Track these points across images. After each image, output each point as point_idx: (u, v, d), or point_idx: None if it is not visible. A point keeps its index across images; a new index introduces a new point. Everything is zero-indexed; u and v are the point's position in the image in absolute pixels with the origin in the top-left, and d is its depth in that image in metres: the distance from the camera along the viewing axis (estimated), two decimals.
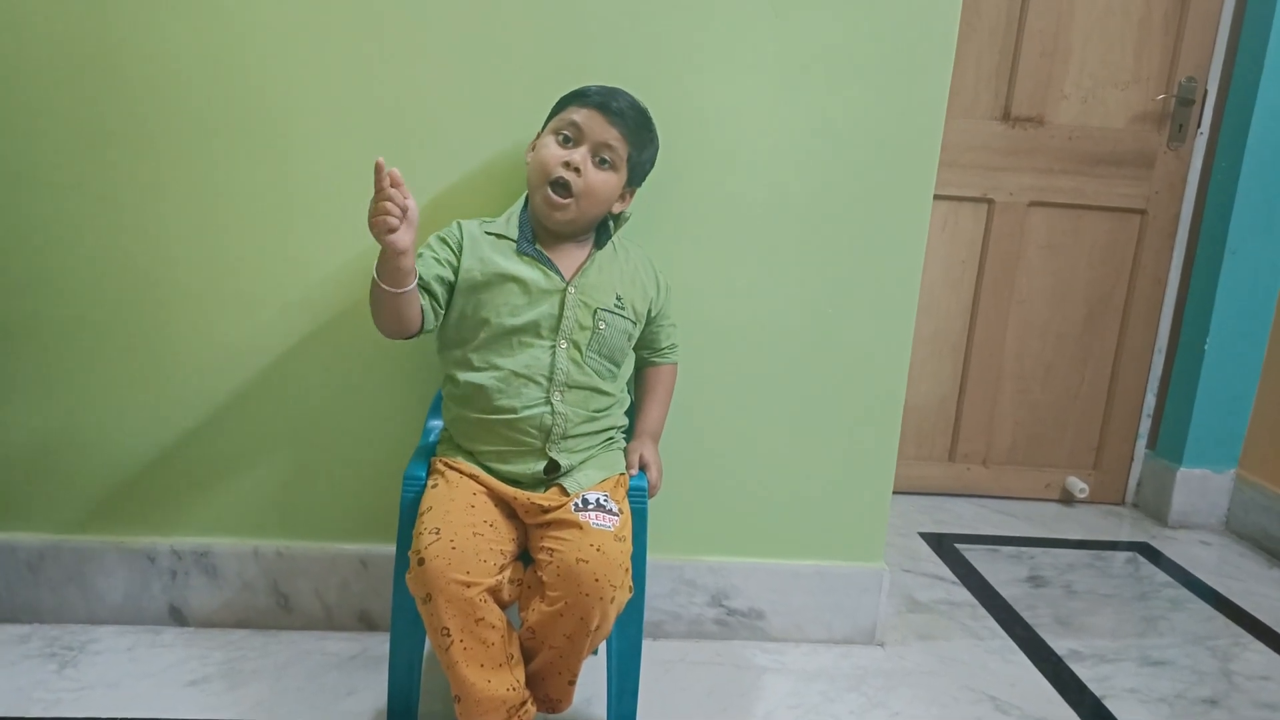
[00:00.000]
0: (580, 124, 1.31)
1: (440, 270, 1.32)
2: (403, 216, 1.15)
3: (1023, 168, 2.41)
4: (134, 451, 1.60)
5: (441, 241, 1.35)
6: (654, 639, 1.71)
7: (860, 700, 1.58)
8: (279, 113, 1.49)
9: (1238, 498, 2.48)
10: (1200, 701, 1.65)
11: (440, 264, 1.33)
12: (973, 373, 2.54)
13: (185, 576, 1.64)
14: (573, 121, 1.31)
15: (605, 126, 1.31)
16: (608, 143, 1.31)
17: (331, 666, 1.57)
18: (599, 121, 1.31)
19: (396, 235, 1.15)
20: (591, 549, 1.20)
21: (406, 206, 1.15)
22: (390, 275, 1.20)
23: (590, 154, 1.31)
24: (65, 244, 1.52)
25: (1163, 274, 2.51)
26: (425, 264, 1.32)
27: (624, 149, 1.33)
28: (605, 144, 1.31)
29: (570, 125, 1.32)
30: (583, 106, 1.32)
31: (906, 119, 1.57)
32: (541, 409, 1.32)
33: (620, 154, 1.33)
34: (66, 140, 1.48)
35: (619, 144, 1.32)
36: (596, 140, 1.31)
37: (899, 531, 2.33)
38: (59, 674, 1.50)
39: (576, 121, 1.31)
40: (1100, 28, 2.35)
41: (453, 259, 1.34)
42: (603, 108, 1.31)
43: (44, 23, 1.44)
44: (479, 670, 1.20)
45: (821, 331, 1.64)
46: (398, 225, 1.15)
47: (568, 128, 1.32)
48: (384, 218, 1.14)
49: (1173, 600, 2.07)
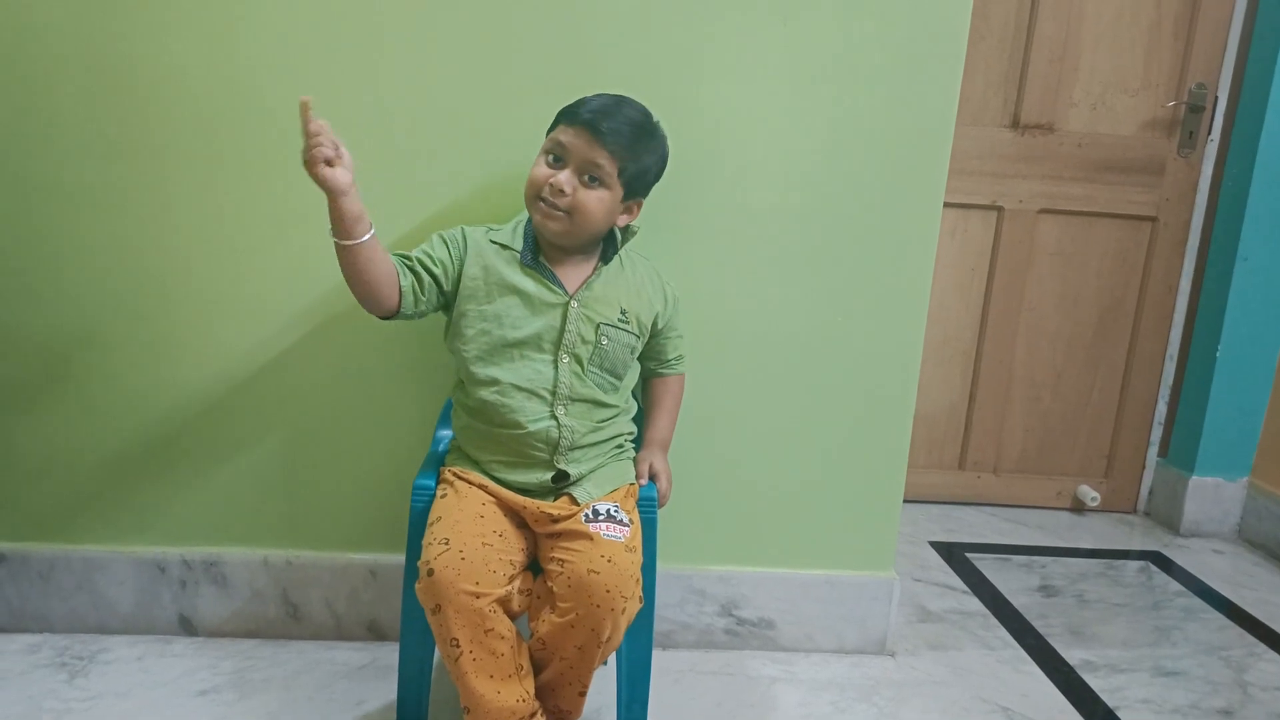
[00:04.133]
0: (566, 144, 1.28)
1: (432, 265, 1.31)
2: (335, 151, 1.13)
3: (1032, 175, 2.40)
4: (144, 461, 1.60)
5: (443, 243, 1.34)
6: (664, 649, 1.71)
7: (871, 711, 1.57)
8: (287, 122, 1.49)
9: (1250, 506, 2.46)
10: (1215, 712, 1.64)
11: (433, 260, 1.32)
12: (983, 380, 2.53)
13: (195, 586, 1.64)
14: (559, 141, 1.29)
15: (591, 147, 1.28)
16: (594, 161, 1.28)
17: (341, 676, 1.57)
18: (585, 141, 1.28)
19: (334, 171, 1.13)
20: (602, 560, 1.20)
21: (332, 140, 1.13)
22: (337, 223, 1.18)
23: (576, 174, 1.28)
24: (75, 252, 1.52)
25: (1174, 281, 2.50)
26: (419, 251, 1.32)
27: (612, 166, 1.29)
28: (592, 163, 1.28)
29: (557, 145, 1.29)
30: (571, 125, 1.29)
31: (916, 126, 1.57)
32: (547, 423, 1.32)
33: (609, 171, 1.29)
34: (74, 149, 1.49)
35: (606, 162, 1.28)
36: (582, 160, 1.28)
37: (909, 540, 2.33)
38: (69, 683, 1.50)
39: (563, 142, 1.29)
40: (1110, 34, 2.35)
41: (447, 259, 1.33)
42: (590, 126, 1.28)
43: (54, 34, 1.45)
44: (488, 681, 1.20)
45: (831, 339, 1.63)
46: (333, 157, 1.13)
47: (555, 147, 1.30)
48: (318, 149, 1.12)
49: (1186, 610, 2.06)
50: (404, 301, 1.29)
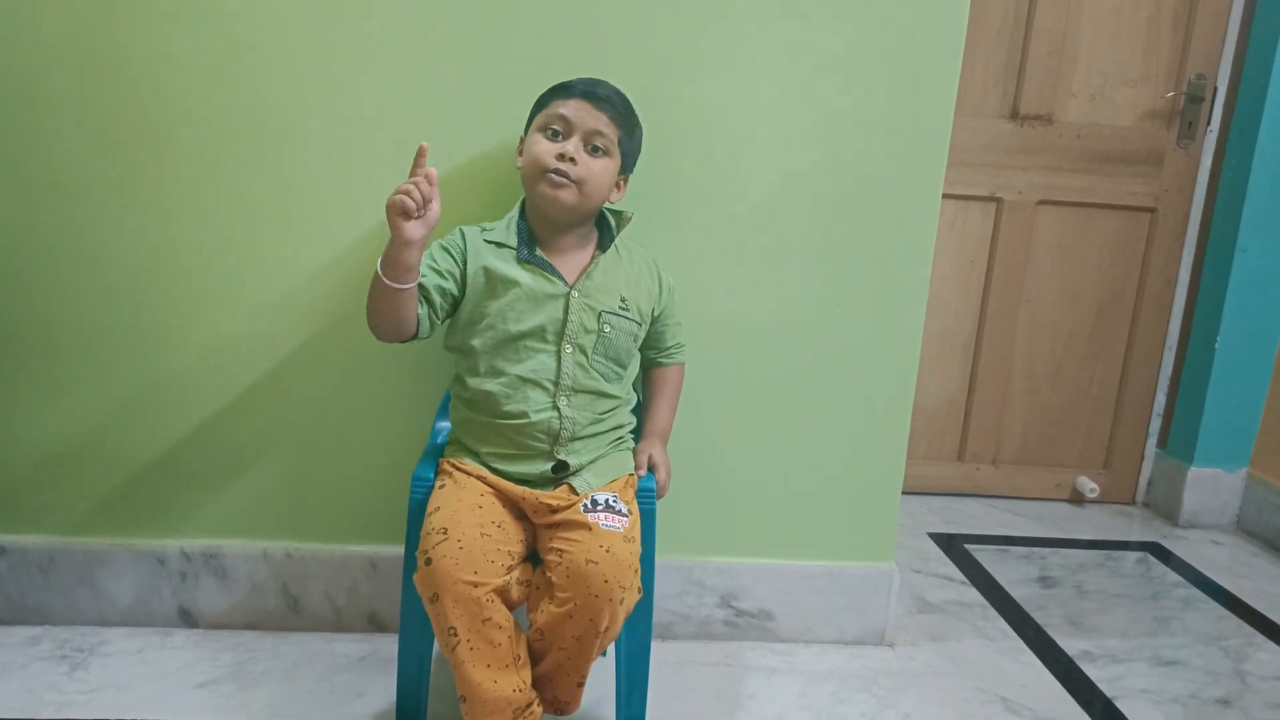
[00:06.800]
0: (568, 115, 1.30)
1: (441, 281, 1.31)
2: (421, 206, 1.16)
3: (1031, 166, 2.40)
4: (143, 454, 1.60)
5: (444, 251, 1.34)
6: (663, 640, 1.71)
7: (871, 701, 1.57)
8: (284, 118, 1.50)
9: (1249, 497, 2.47)
10: (1213, 702, 1.64)
11: (442, 275, 1.32)
12: (982, 372, 2.53)
13: (195, 578, 1.64)
14: (559, 115, 1.31)
15: (593, 114, 1.30)
16: (598, 129, 1.30)
17: (341, 668, 1.57)
18: (587, 110, 1.30)
19: (409, 224, 1.16)
20: (601, 550, 1.20)
21: (430, 198, 1.16)
22: (393, 267, 1.20)
23: (582, 143, 1.30)
24: (72, 248, 1.52)
25: (1173, 272, 2.50)
26: (426, 273, 1.30)
27: (614, 133, 1.32)
28: (596, 131, 1.30)
29: (558, 119, 1.31)
30: (568, 98, 1.31)
31: (915, 118, 1.56)
32: (549, 414, 1.32)
33: (611, 139, 1.32)
34: (73, 145, 1.49)
35: (609, 129, 1.31)
36: (587, 129, 1.30)
37: (909, 532, 2.33)
38: (69, 676, 1.50)
39: (564, 114, 1.30)
40: (1109, 25, 2.34)
41: (455, 269, 1.33)
42: (588, 95, 1.31)
43: (51, 29, 1.44)
44: (485, 670, 1.20)
45: (830, 331, 1.63)
46: (413, 211, 1.16)
47: (555, 121, 1.31)
48: (402, 198, 1.15)
49: (1184, 600, 2.06)
50: (420, 329, 1.30)
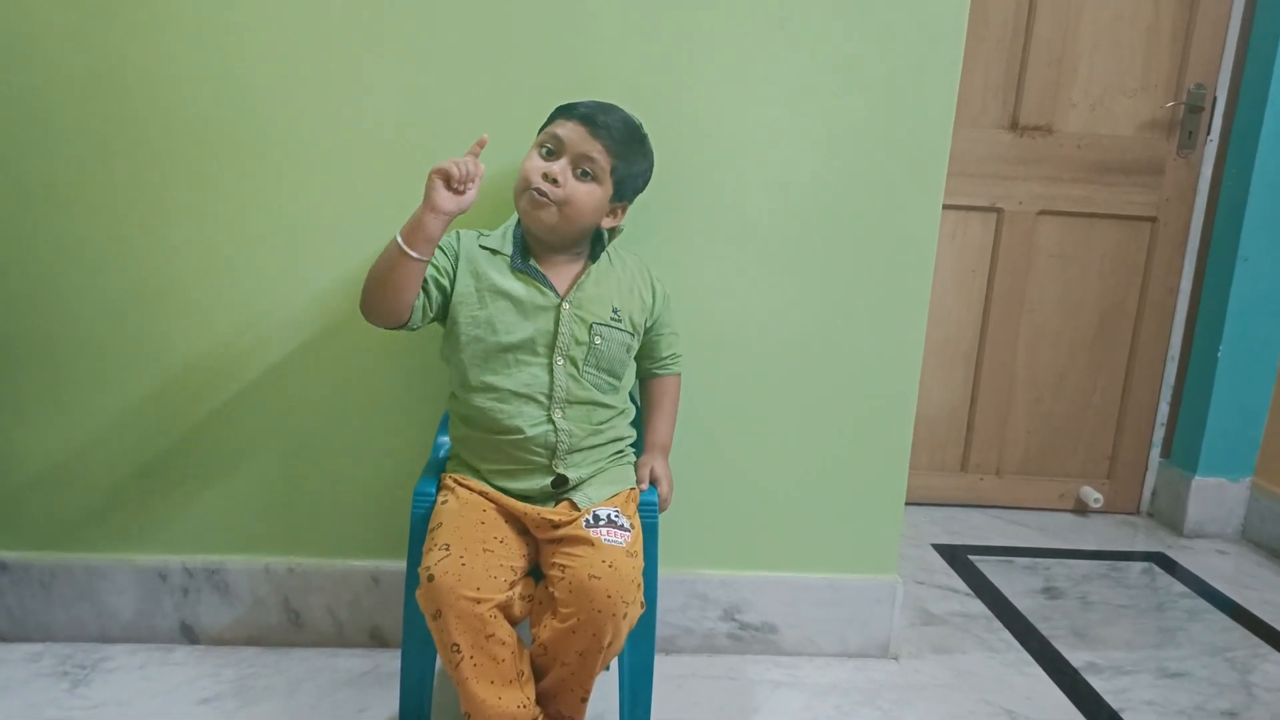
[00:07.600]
0: (562, 136, 1.31)
1: (436, 274, 1.33)
2: (462, 180, 1.20)
3: (1031, 176, 2.40)
4: (144, 469, 1.60)
5: (440, 250, 1.35)
6: (666, 654, 1.71)
7: (875, 714, 1.57)
8: (283, 129, 1.50)
9: (1254, 506, 2.46)
10: (1219, 714, 1.63)
11: (438, 270, 1.33)
12: (984, 382, 2.52)
13: (197, 594, 1.64)
14: (555, 135, 1.31)
15: (587, 139, 1.30)
16: (588, 154, 1.30)
17: (343, 683, 1.56)
18: (581, 134, 1.30)
19: (444, 193, 1.21)
20: (603, 565, 1.20)
21: (473, 178, 1.21)
22: (414, 232, 1.22)
23: (571, 165, 1.31)
24: (71, 260, 1.53)
25: (1174, 281, 2.50)
26: None
27: (606, 161, 1.31)
28: (586, 156, 1.30)
29: (553, 138, 1.32)
30: (568, 119, 1.32)
31: (915, 129, 1.57)
32: (544, 427, 1.32)
33: (602, 166, 1.31)
34: (71, 156, 1.49)
35: (600, 156, 1.31)
36: (577, 152, 1.30)
37: (912, 543, 2.32)
38: (71, 692, 1.50)
39: (559, 134, 1.31)
40: (1108, 35, 2.35)
41: (449, 267, 1.34)
42: (587, 120, 1.31)
43: (51, 41, 1.45)
44: (489, 687, 1.19)
45: (832, 343, 1.63)
46: (454, 180, 1.20)
47: (550, 140, 1.32)
48: (450, 164, 1.20)
49: (1190, 611, 2.05)
50: (413, 317, 1.30)
